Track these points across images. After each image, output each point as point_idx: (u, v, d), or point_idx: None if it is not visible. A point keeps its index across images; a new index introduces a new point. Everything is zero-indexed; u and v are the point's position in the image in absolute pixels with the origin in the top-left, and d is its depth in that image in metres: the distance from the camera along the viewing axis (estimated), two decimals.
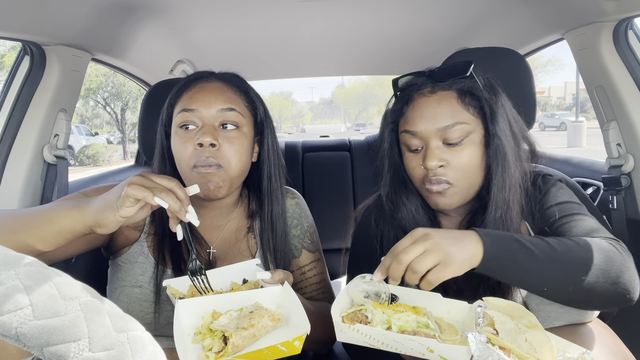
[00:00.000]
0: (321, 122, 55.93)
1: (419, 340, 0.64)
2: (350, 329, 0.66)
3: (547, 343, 0.68)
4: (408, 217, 0.95)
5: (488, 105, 0.87)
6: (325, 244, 1.22)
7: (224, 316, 0.73)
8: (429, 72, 0.92)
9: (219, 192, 0.92)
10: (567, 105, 38.77)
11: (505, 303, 0.73)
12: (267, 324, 0.71)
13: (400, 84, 0.96)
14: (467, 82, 0.89)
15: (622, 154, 1.34)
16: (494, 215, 0.87)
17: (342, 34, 1.88)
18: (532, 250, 0.73)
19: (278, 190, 1.04)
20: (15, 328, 0.36)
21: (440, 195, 0.88)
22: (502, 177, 0.86)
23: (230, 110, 0.93)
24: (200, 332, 0.72)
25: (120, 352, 0.39)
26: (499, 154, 0.86)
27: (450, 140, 0.86)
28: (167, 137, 1.00)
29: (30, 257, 0.41)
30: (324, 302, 1.05)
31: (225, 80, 0.98)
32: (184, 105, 0.93)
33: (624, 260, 0.77)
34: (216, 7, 1.47)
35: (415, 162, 0.90)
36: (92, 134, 19.23)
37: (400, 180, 0.96)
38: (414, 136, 0.89)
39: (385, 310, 0.71)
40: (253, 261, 0.90)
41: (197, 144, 0.89)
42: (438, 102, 0.88)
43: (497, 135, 0.86)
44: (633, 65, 1.30)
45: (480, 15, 1.66)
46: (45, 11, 1.14)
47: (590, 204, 1.26)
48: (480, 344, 0.62)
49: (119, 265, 0.96)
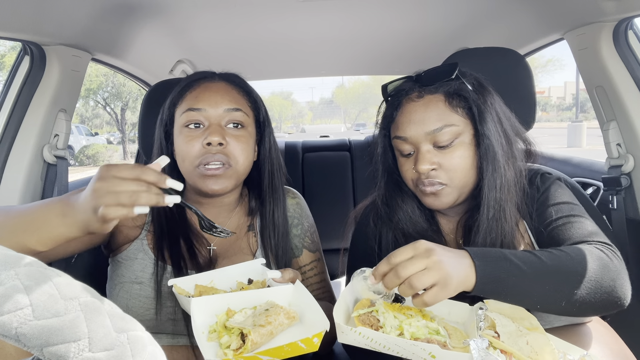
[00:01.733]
0: (321, 122, 55.92)
1: (421, 346, 0.64)
2: (352, 331, 0.66)
3: (548, 346, 0.68)
4: (405, 218, 0.96)
5: (476, 106, 0.87)
6: (325, 244, 1.23)
7: (239, 314, 0.73)
8: (416, 76, 0.92)
9: (225, 189, 0.94)
10: (567, 105, 38.76)
11: (506, 305, 0.73)
12: (283, 321, 0.72)
13: (389, 90, 0.97)
14: (454, 84, 0.89)
15: (622, 154, 1.34)
16: (487, 215, 0.86)
17: (342, 34, 1.88)
18: (524, 270, 0.71)
19: (279, 188, 1.04)
20: (15, 328, 0.36)
21: (434, 195, 0.88)
22: (492, 177, 0.86)
23: (236, 110, 0.94)
24: (215, 330, 0.72)
25: (120, 352, 0.39)
26: (488, 154, 0.86)
27: (440, 144, 0.86)
28: (167, 137, 1.00)
29: (30, 257, 0.41)
30: (324, 302, 1.06)
31: (228, 81, 0.99)
32: (190, 104, 0.93)
33: (616, 267, 0.76)
34: (216, 7, 1.47)
35: (408, 166, 0.91)
36: (92, 134, 19.23)
37: (394, 184, 0.97)
38: (404, 142, 0.90)
39: (397, 314, 0.71)
40: (258, 261, 0.90)
41: (206, 143, 0.90)
42: (425, 106, 0.88)
43: (485, 135, 0.86)
44: (633, 65, 1.30)
45: (480, 15, 1.66)
46: (45, 11, 1.14)
47: (590, 204, 1.26)
48: (482, 351, 0.62)
49: (119, 262, 0.97)
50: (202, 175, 0.91)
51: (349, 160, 2.29)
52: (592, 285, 0.73)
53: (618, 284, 0.75)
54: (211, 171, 0.91)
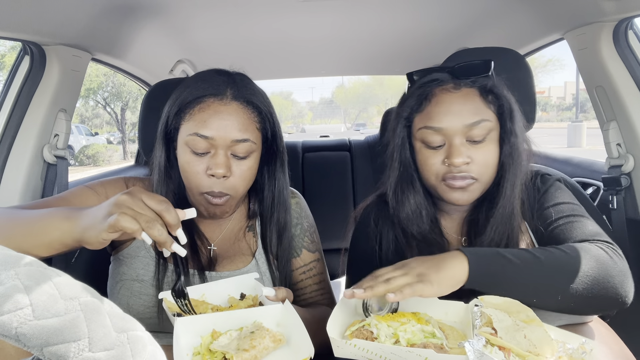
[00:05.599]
0: (321, 122, 55.90)
1: (416, 352, 0.64)
2: (347, 344, 0.66)
3: (546, 337, 0.68)
4: (411, 216, 0.95)
5: (507, 104, 0.88)
6: (325, 244, 1.22)
7: (224, 336, 0.71)
8: (450, 68, 0.91)
9: (226, 214, 0.97)
10: (567, 105, 38.77)
11: (502, 300, 0.73)
12: (268, 345, 0.70)
13: (418, 78, 0.94)
14: (488, 80, 0.89)
15: (622, 154, 1.34)
16: (503, 211, 0.88)
17: (342, 34, 1.88)
18: (516, 263, 0.74)
19: (282, 192, 1.03)
20: (15, 328, 0.36)
21: (462, 190, 0.88)
22: (515, 175, 0.88)
23: (244, 142, 0.91)
24: (199, 352, 0.70)
25: (120, 352, 0.39)
26: (514, 152, 0.88)
27: (474, 138, 0.86)
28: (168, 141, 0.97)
29: (30, 257, 0.41)
30: (323, 307, 1.05)
31: (239, 100, 0.92)
32: (197, 128, 0.89)
33: (615, 264, 0.77)
34: (216, 7, 1.47)
35: (435, 159, 0.89)
36: (92, 134, 19.21)
37: (408, 178, 0.95)
38: (436, 132, 0.88)
39: (390, 323, 0.71)
40: (251, 275, 0.90)
41: (209, 174, 0.89)
42: (464, 99, 0.87)
43: (515, 133, 0.88)
44: (633, 65, 1.30)
45: (480, 15, 1.66)
46: (45, 11, 1.14)
47: (590, 204, 1.26)
48: (477, 352, 0.62)
49: (121, 260, 0.97)
50: (206, 202, 0.92)
51: (349, 160, 2.29)
52: (588, 281, 0.74)
53: (617, 281, 0.75)
54: (215, 200, 0.91)
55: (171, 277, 0.94)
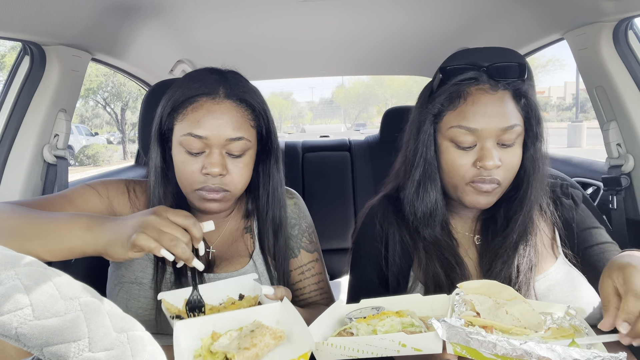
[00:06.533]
0: (321, 122, 55.89)
1: (389, 337, 0.64)
2: (324, 345, 0.66)
3: (528, 310, 0.69)
4: (425, 215, 0.93)
5: (536, 109, 0.89)
6: (325, 244, 1.22)
7: (224, 337, 0.71)
8: (486, 67, 0.89)
9: (223, 210, 0.96)
10: (567, 105, 38.77)
11: (480, 283, 0.73)
12: (269, 342, 0.70)
13: (453, 74, 0.90)
14: (523, 84, 0.88)
15: (622, 154, 1.34)
16: (528, 215, 0.89)
17: (342, 34, 1.88)
18: None
19: (277, 190, 1.03)
20: (15, 328, 0.36)
21: (487, 194, 0.87)
22: (537, 179, 0.89)
23: (238, 140, 0.90)
24: (200, 354, 0.70)
25: (120, 352, 0.39)
26: (540, 156, 0.89)
27: (506, 141, 0.85)
28: (163, 142, 0.97)
29: (30, 257, 0.41)
30: (322, 307, 1.05)
31: (232, 98, 0.92)
32: (191, 128, 0.89)
33: None
34: (216, 7, 1.47)
35: (465, 160, 0.86)
36: (92, 134, 19.22)
37: (430, 177, 0.92)
38: (469, 133, 0.85)
39: (370, 322, 0.71)
40: (250, 276, 0.90)
41: (205, 173, 0.89)
42: (501, 101, 0.85)
43: (542, 138, 0.88)
44: (633, 65, 1.30)
45: (480, 15, 1.66)
46: (45, 11, 1.14)
47: (590, 204, 1.26)
48: (445, 324, 0.62)
49: (120, 263, 0.97)
50: (201, 198, 0.91)
51: (349, 160, 2.29)
52: None
53: None
54: (211, 195, 0.90)
55: (169, 280, 0.94)
